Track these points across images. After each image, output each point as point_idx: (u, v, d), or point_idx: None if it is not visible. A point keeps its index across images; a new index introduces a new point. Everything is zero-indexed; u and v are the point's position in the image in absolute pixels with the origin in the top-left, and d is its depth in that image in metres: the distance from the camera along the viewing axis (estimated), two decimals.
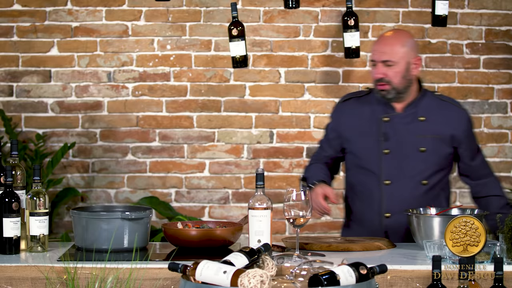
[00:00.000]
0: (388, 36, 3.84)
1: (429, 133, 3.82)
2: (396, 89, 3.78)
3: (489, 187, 3.98)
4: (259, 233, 3.19)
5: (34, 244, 3.37)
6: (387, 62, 3.77)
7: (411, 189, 3.81)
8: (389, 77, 3.77)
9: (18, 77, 5.55)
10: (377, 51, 3.80)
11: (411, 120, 3.83)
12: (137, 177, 5.59)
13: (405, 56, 3.77)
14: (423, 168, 3.82)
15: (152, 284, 3.07)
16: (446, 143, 3.84)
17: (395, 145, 3.81)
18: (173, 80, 5.59)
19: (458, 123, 3.88)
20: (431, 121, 3.84)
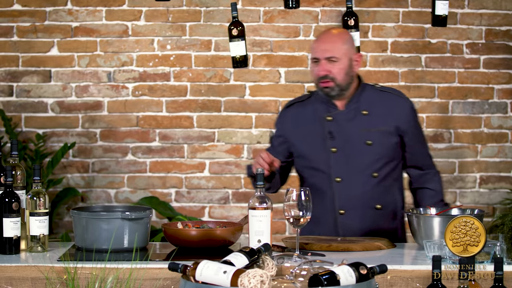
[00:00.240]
0: (329, 34, 3.83)
1: (373, 126, 3.83)
2: (339, 86, 3.78)
3: (428, 179, 3.96)
4: (259, 233, 3.19)
5: (34, 244, 3.37)
6: (330, 59, 3.76)
7: (363, 183, 3.81)
8: (333, 74, 3.77)
9: (18, 77, 5.55)
10: (320, 49, 3.78)
11: (354, 115, 3.84)
12: (137, 177, 5.59)
13: (347, 52, 3.78)
14: (372, 161, 3.82)
15: (152, 284, 3.07)
16: (391, 133, 3.84)
17: (342, 142, 3.81)
18: (173, 80, 5.59)
19: (401, 112, 3.88)
20: (374, 114, 3.85)
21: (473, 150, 5.65)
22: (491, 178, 5.64)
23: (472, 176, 5.65)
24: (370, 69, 5.61)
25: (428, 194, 3.95)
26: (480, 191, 5.65)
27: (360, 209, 3.80)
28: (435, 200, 3.93)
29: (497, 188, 5.65)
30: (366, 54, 5.59)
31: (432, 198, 3.93)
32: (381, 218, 3.85)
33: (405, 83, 5.61)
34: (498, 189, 5.65)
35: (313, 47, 3.82)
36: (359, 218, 3.79)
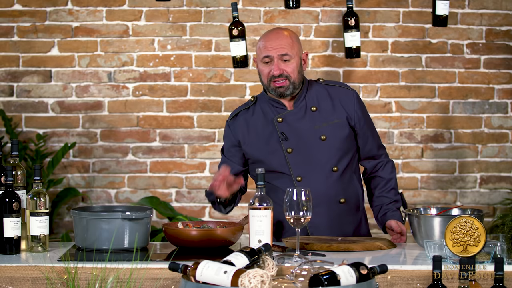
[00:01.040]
0: (279, 32, 3.77)
1: (324, 121, 3.81)
2: (293, 85, 3.76)
3: (380, 168, 3.94)
4: (260, 233, 3.19)
5: (34, 244, 3.37)
6: (284, 57, 3.72)
7: (324, 179, 3.78)
8: (287, 73, 3.73)
9: (18, 77, 5.55)
10: (273, 47, 3.72)
11: (303, 113, 3.81)
12: (138, 177, 5.59)
13: (298, 51, 3.76)
14: (329, 155, 3.79)
15: (153, 284, 3.07)
16: (343, 126, 3.83)
17: (296, 141, 3.78)
18: (173, 80, 5.59)
19: (349, 103, 3.86)
20: (323, 109, 3.83)
21: (473, 150, 5.65)
22: (491, 178, 5.64)
23: (472, 176, 5.65)
24: (370, 69, 5.61)
25: (380, 183, 3.92)
26: (480, 191, 5.65)
27: (325, 205, 3.76)
28: (387, 187, 3.91)
29: (497, 188, 5.65)
30: (366, 54, 5.59)
31: (384, 186, 3.91)
32: (346, 211, 3.83)
33: (405, 83, 5.62)
34: (498, 189, 5.65)
35: (264, 46, 3.74)
36: (325, 214, 3.76)
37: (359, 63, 5.61)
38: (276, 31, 3.79)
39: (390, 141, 5.61)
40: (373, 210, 3.93)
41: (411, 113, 5.62)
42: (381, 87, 5.62)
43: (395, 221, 3.81)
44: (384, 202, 3.89)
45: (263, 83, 3.79)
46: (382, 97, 5.62)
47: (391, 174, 3.94)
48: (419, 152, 5.63)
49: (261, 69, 3.77)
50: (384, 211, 3.87)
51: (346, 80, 5.60)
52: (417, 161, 5.63)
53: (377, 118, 5.60)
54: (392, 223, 3.81)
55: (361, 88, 5.61)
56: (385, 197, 3.90)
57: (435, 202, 5.63)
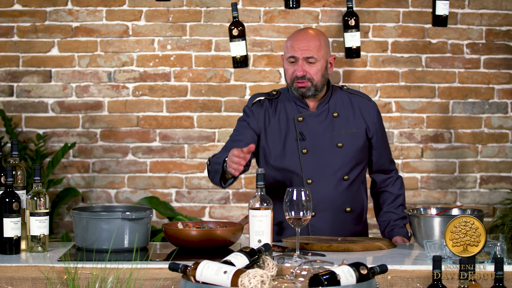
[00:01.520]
0: (308, 33, 3.77)
1: (344, 128, 3.82)
2: (315, 87, 3.76)
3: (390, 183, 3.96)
4: (260, 233, 3.19)
5: (34, 244, 3.37)
6: (309, 59, 3.73)
7: (334, 186, 3.79)
8: (310, 75, 3.74)
9: (18, 77, 5.55)
10: (299, 48, 3.73)
11: (325, 117, 3.82)
12: (138, 177, 5.59)
13: (325, 54, 3.77)
14: (343, 163, 3.80)
15: (153, 284, 3.07)
16: (360, 135, 3.84)
17: (312, 144, 3.78)
18: (173, 80, 5.59)
19: (369, 115, 3.88)
20: (344, 116, 3.84)
21: (473, 150, 5.65)
22: (491, 178, 5.64)
23: (472, 176, 5.65)
24: (370, 69, 5.61)
25: (388, 198, 3.95)
26: (480, 191, 5.65)
27: (331, 211, 3.77)
28: (396, 203, 3.93)
29: (497, 188, 5.65)
30: (366, 54, 5.59)
31: (393, 202, 3.94)
32: (349, 221, 3.84)
33: (405, 83, 5.62)
34: (498, 189, 5.65)
35: (291, 46, 3.75)
36: (329, 220, 3.77)
37: (359, 63, 5.61)
38: (305, 31, 3.79)
39: (390, 141, 5.61)
40: (379, 225, 3.95)
41: (411, 113, 5.62)
42: (381, 87, 5.62)
43: (401, 237, 3.84)
44: (392, 218, 3.91)
45: (286, 82, 3.82)
46: (382, 97, 5.62)
47: (400, 190, 3.97)
48: (419, 152, 5.63)
49: (286, 68, 3.79)
50: (392, 227, 3.89)
51: (346, 80, 5.60)
52: (417, 161, 5.63)
53: None
54: (398, 239, 3.83)
55: (361, 88, 5.61)
56: (393, 213, 3.92)
57: (435, 202, 5.63)
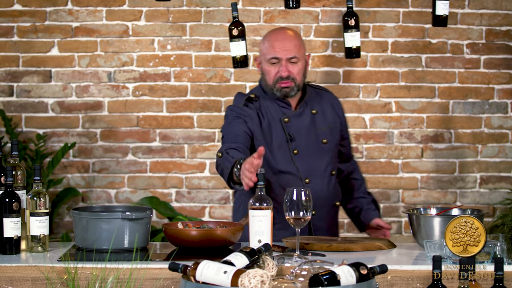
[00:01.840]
0: (288, 33, 3.78)
1: (324, 124, 3.87)
2: (298, 87, 3.79)
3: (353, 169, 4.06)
4: (260, 233, 3.19)
5: (34, 244, 3.37)
6: (292, 59, 3.74)
7: (327, 183, 3.84)
8: (293, 75, 3.75)
9: (18, 77, 5.55)
10: (281, 49, 3.73)
11: (306, 115, 3.85)
12: (138, 177, 5.59)
13: (304, 53, 3.80)
14: (329, 159, 3.86)
15: (153, 284, 3.07)
16: (337, 130, 3.92)
17: (302, 143, 3.80)
18: (173, 80, 5.59)
19: (339, 109, 3.97)
20: (321, 112, 3.89)
21: (473, 150, 5.65)
22: (491, 178, 5.64)
23: (472, 176, 5.65)
24: (370, 69, 5.61)
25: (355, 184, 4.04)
26: (480, 191, 5.65)
27: (327, 208, 3.85)
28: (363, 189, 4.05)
29: (497, 188, 5.65)
30: (366, 54, 5.59)
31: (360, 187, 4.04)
32: (337, 214, 3.95)
33: (405, 83, 5.61)
34: (498, 189, 5.65)
35: (272, 46, 3.75)
36: (326, 216, 3.85)
37: (359, 63, 5.61)
38: (283, 31, 3.80)
39: (390, 141, 5.61)
40: (349, 210, 4.03)
41: (411, 113, 5.62)
42: (381, 87, 5.62)
43: (380, 219, 3.96)
44: (364, 203, 4.01)
45: (266, 83, 3.79)
46: (382, 97, 5.61)
47: (361, 174, 4.10)
48: (419, 152, 5.63)
49: (267, 70, 3.77)
50: (366, 211, 3.98)
51: (346, 80, 5.60)
52: (417, 161, 5.63)
53: (377, 118, 5.60)
54: (379, 222, 3.92)
55: (361, 88, 5.61)
56: (363, 198, 4.03)
57: (435, 202, 5.63)
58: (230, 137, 3.71)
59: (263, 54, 3.78)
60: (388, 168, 5.62)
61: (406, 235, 5.61)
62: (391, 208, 5.63)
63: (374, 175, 5.61)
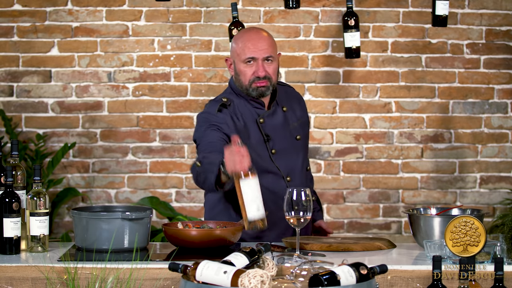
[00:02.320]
0: (261, 33, 3.77)
1: (294, 120, 3.88)
2: (273, 86, 3.79)
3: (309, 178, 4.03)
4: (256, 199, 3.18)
5: (34, 244, 3.37)
6: (268, 58, 3.74)
7: (304, 179, 3.85)
8: (269, 74, 3.75)
9: (18, 77, 5.55)
10: (258, 49, 3.71)
11: (279, 114, 3.85)
12: (138, 177, 5.59)
13: (276, 52, 3.80)
14: (304, 155, 3.88)
15: (153, 284, 3.07)
16: (306, 125, 3.94)
17: (278, 142, 3.80)
18: (173, 80, 5.59)
19: (302, 103, 3.98)
20: (290, 109, 3.89)
21: (473, 150, 5.65)
22: (491, 178, 5.64)
23: (472, 176, 5.65)
24: (370, 69, 5.61)
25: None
26: (480, 191, 5.65)
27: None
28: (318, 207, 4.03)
29: (497, 188, 5.65)
30: (366, 54, 5.59)
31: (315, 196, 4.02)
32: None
33: (405, 83, 5.61)
34: (498, 189, 5.65)
35: (247, 47, 3.72)
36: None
37: (359, 63, 5.61)
38: (257, 31, 3.79)
39: (390, 141, 5.61)
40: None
41: (411, 113, 5.62)
42: (381, 87, 5.62)
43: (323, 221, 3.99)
44: None
45: (241, 83, 3.76)
46: (382, 97, 5.61)
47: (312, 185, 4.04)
48: (419, 152, 5.63)
49: (243, 70, 3.74)
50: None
51: (346, 80, 5.60)
52: (417, 161, 5.63)
53: (377, 118, 5.61)
54: (322, 224, 3.95)
55: (361, 88, 5.61)
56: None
57: (435, 202, 5.63)
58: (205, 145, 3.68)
59: (237, 55, 3.75)
60: (388, 168, 5.62)
61: (406, 235, 5.61)
62: (391, 208, 5.63)
63: (374, 175, 5.61)
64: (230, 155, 3.23)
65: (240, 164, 3.19)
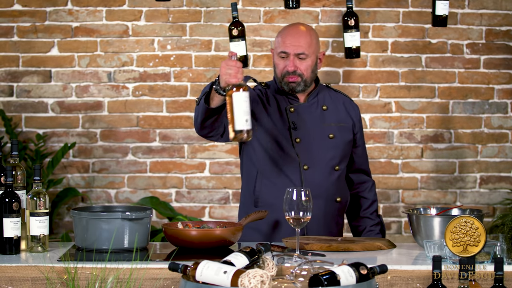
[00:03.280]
0: (299, 29, 3.82)
1: (334, 121, 3.89)
2: (305, 82, 3.81)
3: (367, 188, 4.05)
4: (246, 113, 3.19)
5: (34, 244, 3.37)
6: (300, 55, 3.77)
7: (328, 175, 3.84)
8: (301, 70, 3.79)
9: (18, 77, 5.55)
10: (291, 44, 3.78)
11: (315, 109, 3.88)
12: (138, 177, 5.59)
13: (315, 50, 3.82)
14: (334, 154, 3.87)
15: (153, 284, 3.07)
16: (349, 130, 3.93)
17: (305, 133, 3.83)
18: (173, 80, 5.59)
19: (354, 112, 3.99)
20: (332, 110, 3.92)
21: (473, 150, 5.65)
22: (491, 178, 5.64)
23: (472, 176, 5.65)
24: (370, 69, 5.61)
25: (365, 203, 4.03)
26: (480, 191, 5.65)
27: (324, 199, 3.82)
28: (371, 209, 4.03)
29: (497, 188, 5.65)
30: (366, 54, 5.59)
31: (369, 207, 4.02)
32: (337, 211, 3.90)
33: (405, 83, 5.61)
34: (498, 189, 5.65)
35: (283, 41, 3.79)
36: (322, 209, 3.82)
37: (359, 63, 5.61)
38: (297, 27, 3.84)
39: (390, 141, 5.61)
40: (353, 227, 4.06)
41: (411, 113, 5.62)
42: (381, 87, 5.62)
43: None
44: (368, 224, 4.01)
45: (276, 75, 3.84)
46: (382, 97, 5.62)
47: (375, 196, 4.07)
48: (419, 152, 5.63)
49: (277, 63, 3.83)
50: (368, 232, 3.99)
51: (346, 80, 5.60)
52: (417, 161, 5.63)
53: (377, 118, 5.60)
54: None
55: (361, 88, 5.61)
56: (369, 219, 4.02)
57: (435, 202, 5.63)
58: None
59: (275, 48, 3.85)
60: (388, 168, 5.62)
61: (406, 235, 5.61)
62: (391, 208, 5.63)
63: (374, 175, 5.60)
64: (226, 68, 3.30)
65: (235, 77, 3.26)
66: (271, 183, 3.83)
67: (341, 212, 3.93)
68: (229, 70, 3.29)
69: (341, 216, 3.95)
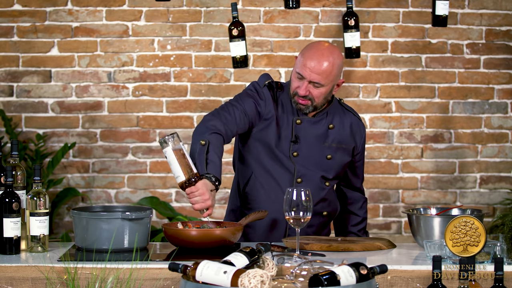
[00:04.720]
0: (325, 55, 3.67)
1: (336, 141, 3.85)
2: (315, 107, 3.75)
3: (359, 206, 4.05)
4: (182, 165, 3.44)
5: (34, 244, 3.37)
6: (315, 84, 3.71)
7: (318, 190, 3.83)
8: (312, 96, 3.71)
9: (18, 77, 5.55)
10: (310, 70, 3.67)
11: (321, 126, 3.83)
12: (138, 177, 5.59)
13: (334, 80, 3.72)
14: (328, 174, 3.85)
15: (153, 284, 3.07)
16: (347, 153, 3.89)
17: (304, 149, 3.80)
18: (173, 80, 5.59)
19: (359, 135, 3.94)
20: (338, 129, 3.86)
21: (473, 150, 5.65)
22: (491, 178, 5.65)
23: (472, 176, 5.65)
24: (370, 69, 5.61)
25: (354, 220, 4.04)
26: (480, 191, 5.65)
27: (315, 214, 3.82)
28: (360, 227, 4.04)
29: (497, 188, 5.65)
30: (366, 54, 5.59)
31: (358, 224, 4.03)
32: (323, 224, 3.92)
33: (405, 83, 5.62)
34: (498, 189, 5.65)
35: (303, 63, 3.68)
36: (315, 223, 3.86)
37: (359, 63, 5.61)
38: (321, 52, 3.69)
39: (390, 141, 5.61)
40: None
41: (411, 113, 5.62)
42: (381, 87, 5.62)
43: None
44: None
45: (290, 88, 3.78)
46: (382, 97, 5.62)
47: (365, 214, 4.07)
48: (419, 152, 5.63)
49: (292, 79, 3.76)
50: None
51: (346, 80, 5.60)
52: (417, 161, 5.63)
53: (377, 118, 5.60)
54: None
55: (361, 88, 5.61)
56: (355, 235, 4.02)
57: (435, 202, 5.63)
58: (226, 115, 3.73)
59: (295, 63, 3.75)
60: (388, 168, 5.62)
61: (406, 235, 5.61)
62: (391, 208, 5.63)
63: (374, 175, 5.61)
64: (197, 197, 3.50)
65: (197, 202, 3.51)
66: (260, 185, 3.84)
67: (328, 224, 3.96)
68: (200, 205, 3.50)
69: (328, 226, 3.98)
